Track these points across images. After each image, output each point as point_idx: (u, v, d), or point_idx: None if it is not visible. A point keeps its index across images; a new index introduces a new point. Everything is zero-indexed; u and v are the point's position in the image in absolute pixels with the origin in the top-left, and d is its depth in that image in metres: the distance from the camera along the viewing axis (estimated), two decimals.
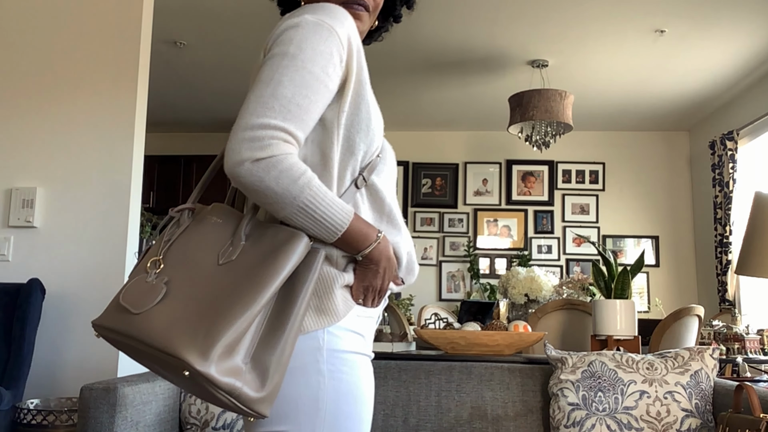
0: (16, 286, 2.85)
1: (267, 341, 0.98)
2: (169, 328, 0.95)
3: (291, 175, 1.01)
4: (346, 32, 1.12)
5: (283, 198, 1.01)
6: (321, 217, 1.04)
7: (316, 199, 1.03)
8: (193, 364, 0.91)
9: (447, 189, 6.85)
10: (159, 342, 0.94)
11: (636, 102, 5.93)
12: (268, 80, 1.05)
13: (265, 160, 1.00)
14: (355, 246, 1.09)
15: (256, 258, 1.01)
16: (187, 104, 6.27)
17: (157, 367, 1.03)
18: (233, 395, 0.94)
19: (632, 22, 4.38)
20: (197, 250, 1.05)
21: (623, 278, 2.95)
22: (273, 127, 1.01)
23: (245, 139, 1.00)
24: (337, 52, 1.09)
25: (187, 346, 0.92)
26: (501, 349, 2.69)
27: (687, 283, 6.52)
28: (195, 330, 0.94)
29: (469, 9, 4.27)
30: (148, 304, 0.98)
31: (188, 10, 4.32)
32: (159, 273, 1.03)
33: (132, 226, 3.04)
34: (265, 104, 1.02)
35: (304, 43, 1.07)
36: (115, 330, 1.00)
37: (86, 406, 2.00)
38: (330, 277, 1.09)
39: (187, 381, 0.96)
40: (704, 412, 2.15)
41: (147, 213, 3.58)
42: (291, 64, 1.05)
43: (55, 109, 3.09)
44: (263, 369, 0.96)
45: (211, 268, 1.02)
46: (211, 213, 1.10)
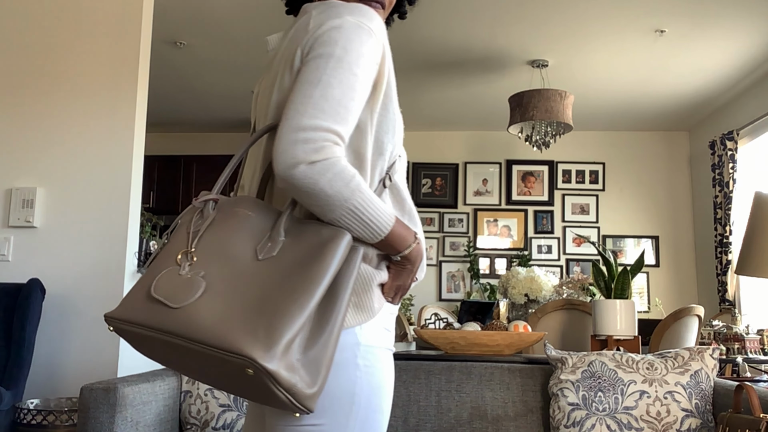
0: (16, 286, 2.85)
1: (315, 338, 0.98)
2: (220, 324, 0.93)
3: (343, 177, 1.01)
4: (382, 34, 1.14)
5: (334, 200, 1.01)
6: (369, 220, 1.05)
7: (365, 202, 1.04)
8: (260, 361, 0.89)
9: (447, 189, 6.85)
10: (212, 339, 0.92)
11: (636, 102, 5.93)
12: (316, 81, 1.04)
13: (320, 163, 1.00)
14: (395, 247, 1.12)
15: (300, 255, 1.00)
16: (187, 104, 6.27)
17: (192, 364, 1.00)
18: (291, 392, 0.93)
19: (632, 22, 4.38)
20: (231, 243, 1.03)
21: (623, 278, 2.95)
22: (325, 129, 1.01)
23: (298, 140, 1.00)
24: (375, 55, 1.11)
25: (250, 342, 0.90)
26: (501, 349, 2.69)
27: (687, 283, 6.52)
28: (253, 326, 0.92)
29: (469, 9, 4.27)
30: (188, 298, 0.96)
31: (188, 10, 4.31)
32: (193, 266, 1.00)
33: (132, 226, 3.04)
34: (316, 105, 1.02)
35: (349, 44, 1.07)
36: (150, 326, 0.97)
37: (86, 406, 2.00)
38: (368, 275, 1.11)
39: (236, 379, 0.94)
40: (704, 412, 2.15)
41: (147, 213, 3.57)
42: (338, 66, 1.05)
43: (55, 109, 3.09)
44: (314, 365, 0.96)
45: (249, 263, 1.00)
46: (241, 205, 1.08)
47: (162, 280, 0.99)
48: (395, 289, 1.15)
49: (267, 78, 1.23)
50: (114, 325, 1.01)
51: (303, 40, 1.11)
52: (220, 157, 6.74)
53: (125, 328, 1.00)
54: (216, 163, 6.73)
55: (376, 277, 1.12)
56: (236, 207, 1.07)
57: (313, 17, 1.13)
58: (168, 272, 1.00)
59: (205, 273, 0.99)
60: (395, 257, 1.13)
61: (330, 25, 1.09)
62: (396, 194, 1.19)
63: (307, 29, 1.12)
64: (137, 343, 1.03)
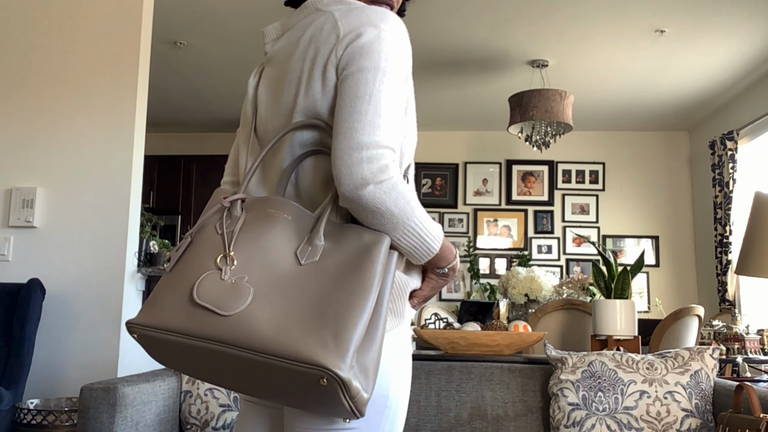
0: (16, 286, 2.85)
1: (365, 343, 0.96)
2: (283, 333, 0.89)
3: (405, 197, 1.02)
4: (408, 40, 1.13)
5: (398, 219, 1.01)
6: (426, 237, 1.06)
7: (423, 220, 1.05)
8: (335, 370, 0.87)
9: (447, 189, 6.85)
10: (279, 349, 0.88)
11: (636, 102, 5.93)
12: (368, 97, 1.03)
13: (387, 182, 0.99)
14: (440, 263, 1.13)
15: (345, 260, 0.98)
16: (187, 104, 6.27)
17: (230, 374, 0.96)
18: (355, 399, 0.91)
19: (632, 22, 4.38)
20: (270, 247, 0.99)
21: (623, 278, 2.95)
22: (384, 146, 1.01)
23: (363, 159, 0.99)
24: (408, 62, 1.11)
25: (322, 352, 0.88)
26: (501, 349, 2.69)
27: (687, 283, 6.52)
28: (320, 335, 0.89)
29: (469, 9, 4.27)
30: (239, 305, 0.92)
31: (188, 10, 4.32)
32: (234, 271, 0.96)
33: (132, 226, 3.04)
34: (372, 122, 1.01)
35: (391, 56, 1.06)
36: (197, 335, 0.92)
37: (86, 406, 2.00)
38: (403, 282, 1.12)
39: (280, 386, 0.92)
40: (704, 412, 2.15)
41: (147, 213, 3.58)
42: (385, 80, 1.04)
43: (55, 109, 3.09)
44: (366, 370, 0.95)
45: (291, 268, 0.97)
46: (273, 206, 1.04)
47: (204, 285, 0.94)
48: (426, 298, 1.17)
49: (272, 72, 1.18)
50: (141, 333, 0.96)
51: (333, 44, 1.08)
52: (220, 157, 6.74)
53: (157, 335, 0.95)
54: (216, 163, 6.73)
55: (410, 283, 1.13)
56: (267, 208, 1.04)
57: (338, 19, 1.10)
58: (208, 276, 0.96)
59: (248, 278, 0.95)
60: (441, 270, 1.14)
61: (369, 36, 1.07)
62: None
63: (337, 33, 1.08)
64: (158, 350, 0.99)
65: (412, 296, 1.15)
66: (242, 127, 1.25)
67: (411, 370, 1.17)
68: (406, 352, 1.13)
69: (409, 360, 1.15)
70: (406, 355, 1.13)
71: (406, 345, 1.14)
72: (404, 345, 1.13)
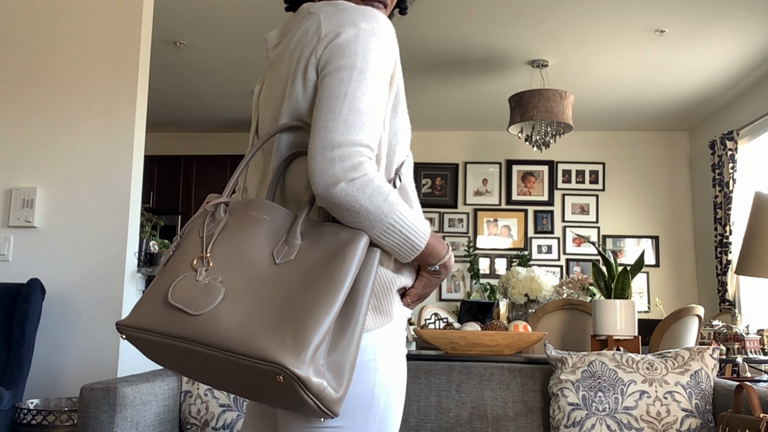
0: (16, 286, 2.85)
1: (337, 341, 0.97)
2: (244, 331, 0.91)
3: (381, 193, 1.01)
4: (393, 38, 1.13)
5: (375, 216, 1.02)
6: (408, 234, 1.06)
7: (403, 216, 1.05)
8: (290, 367, 0.88)
9: (447, 189, 6.85)
10: (238, 346, 0.90)
11: (636, 102, 5.93)
12: (342, 96, 1.03)
13: (359, 180, 1.00)
14: (429, 260, 1.12)
15: (319, 258, 0.99)
16: (187, 104, 6.27)
17: (207, 371, 0.98)
18: (319, 397, 0.92)
19: (632, 22, 4.38)
20: (248, 248, 1.01)
21: (623, 278, 2.95)
22: (358, 144, 1.01)
23: (334, 158, 0.99)
24: (391, 61, 1.10)
25: (279, 349, 0.89)
26: (501, 349, 2.69)
27: (687, 283, 6.52)
28: (280, 332, 0.91)
29: (469, 9, 4.27)
30: (208, 305, 0.94)
31: (188, 10, 4.32)
32: (210, 272, 0.98)
33: (132, 226, 3.04)
34: (345, 121, 1.01)
35: (369, 54, 1.06)
36: (168, 333, 0.94)
37: (86, 406, 2.00)
38: (388, 279, 1.11)
39: (259, 386, 0.93)
40: (704, 412, 2.15)
41: (147, 213, 3.58)
42: (361, 78, 1.04)
43: (55, 109, 3.09)
44: (338, 369, 0.95)
45: (267, 267, 0.99)
46: (254, 208, 1.06)
47: (179, 287, 0.97)
48: (420, 297, 1.16)
49: (270, 77, 1.21)
50: (127, 333, 0.99)
51: (314, 45, 1.09)
52: (220, 157, 6.74)
53: (140, 336, 0.98)
54: (216, 163, 6.73)
55: (396, 281, 1.12)
56: (249, 210, 1.06)
57: (322, 21, 1.11)
58: (184, 278, 0.98)
59: (222, 278, 0.97)
60: (432, 267, 1.14)
61: (347, 35, 1.07)
62: (404, 196, 1.18)
63: (319, 34, 1.09)
64: (149, 351, 1.01)
65: (405, 295, 1.15)
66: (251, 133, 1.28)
67: (405, 368, 1.16)
68: (396, 350, 1.12)
69: (401, 359, 1.14)
70: (396, 354, 1.12)
71: (397, 343, 1.13)
72: (394, 343, 1.12)
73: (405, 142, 1.18)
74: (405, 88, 1.19)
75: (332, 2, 1.15)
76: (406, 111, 1.19)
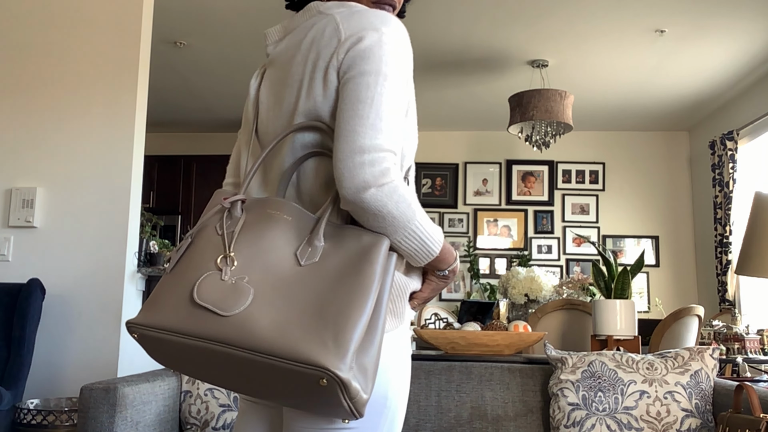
0: (16, 286, 2.85)
1: (364, 344, 0.96)
2: (284, 334, 0.90)
3: (406, 199, 1.02)
4: (409, 44, 1.14)
5: (399, 222, 1.02)
6: (427, 240, 1.07)
7: (423, 223, 1.06)
8: (335, 371, 0.87)
9: (447, 189, 6.85)
10: (281, 349, 0.89)
11: (636, 102, 5.93)
12: (369, 101, 1.03)
13: (388, 185, 1.00)
14: (441, 266, 1.14)
15: (345, 261, 0.99)
16: (187, 104, 6.27)
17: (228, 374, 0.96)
18: (354, 399, 0.91)
19: (632, 22, 4.38)
20: (269, 248, 1.00)
21: (623, 278, 2.95)
22: (385, 150, 1.02)
23: (364, 163, 0.99)
24: (410, 67, 1.12)
25: (323, 352, 0.88)
26: (501, 349, 2.69)
27: (687, 283, 6.52)
28: (320, 335, 0.90)
29: (469, 9, 4.27)
30: (239, 306, 0.92)
31: (188, 10, 4.32)
32: (235, 271, 0.97)
33: (132, 226, 3.04)
34: (373, 126, 1.02)
35: (393, 60, 1.07)
36: (199, 335, 0.92)
37: (86, 406, 2.00)
38: (403, 283, 1.12)
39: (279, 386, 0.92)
40: (704, 412, 2.15)
41: (147, 213, 3.58)
42: (386, 84, 1.05)
43: (56, 109, 3.09)
44: (365, 371, 0.95)
45: (291, 268, 0.98)
46: (272, 207, 1.05)
47: (204, 285, 0.95)
48: (426, 300, 1.17)
49: (275, 74, 1.19)
50: (141, 333, 0.97)
51: (334, 47, 1.08)
52: (220, 157, 6.74)
53: (158, 335, 0.95)
54: (216, 163, 6.73)
55: (410, 285, 1.13)
56: (267, 209, 1.05)
57: (340, 22, 1.10)
58: (208, 277, 0.96)
59: (248, 278, 0.96)
60: (442, 272, 1.15)
61: (371, 40, 1.07)
62: None
63: (339, 36, 1.09)
64: (158, 350, 0.99)
65: (412, 297, 1.16)
66: (244, 129, 1.26)
67: (410, 370, 1.17)
68: (405, 353, 1.14)
69: (408, 361, 1.15)
70: (405, 356, 1.13)
71: (406, 346, 1.14)
72: (404, 346, 1.13)
73: (413, 148, 1.18)
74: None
75: (344, 3, 1.15)
76: (415, 117, 1.19)
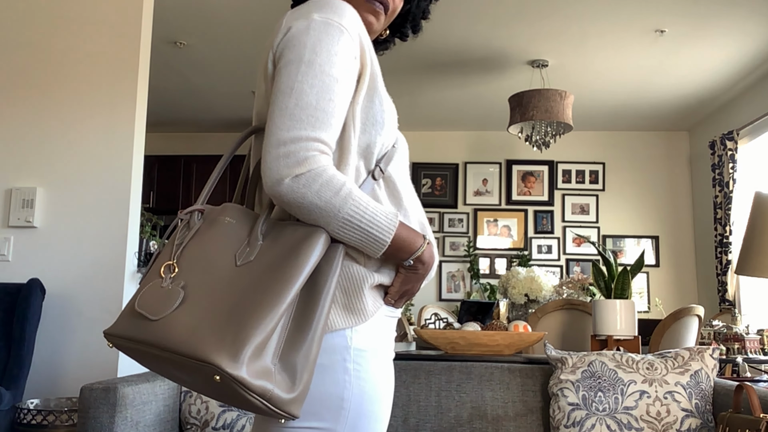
0: (16, 286, 2.85)
1: (294, 340, 0.96)
2: (192, 333, 0.92)
3: (332, 187, 0.99)
4: (355, 27, 1.09)
5: (327, 212, 0.99)
6: (368, 227, 1.02)
7: (359, 209, 1.01)
8: (224, 368, 0.88)
9: (447, 189, 6.85)
10: (183, 348, 0.91)
11: (636, 102, 5.93)
12: (289, 90, 1.02)
13: (305, 175, 0.98)
14: (401, 255, 1.08)
15: (275, 257, 0.98)
16: (187, 104, 6.27)
17: (180, 375, 0.99)
18: (265, 397, 0.91)
19: (632, 22, 4.38)
20: (213, 252, 1.01)
21: (623, 278, 2.95)
22: (305, 139, 0.99)
23: (280, 155, 0.99)
24: (351, 49, 1.07)
25: (216, 349, 0.89)
26: (501, 349, 2.69)
27: (687, 283, 6.52)
28: (222, 333, 0.91)
29: (469, 9, 4.27)
30: (167, 309, 0.95)
31: (188, 10, 4.31)
32: (174, 277, 0.99)
33: (132, 226, 3.04)
34: (292, 116, 1.00)
35: (318, 45, 1.04)
36: (133, 338, 0.97)
37: (86, 406, 2.00)
38: (359, 277, 1.07)
39: (216, 386, 0.93)
40: (704, 412, 2.15)
41: (147, 213, 3.57)
42: (309, 70, 1.02)
43: (55, 109, 3.09)
44: (292, 369, 0.94)
45: (229, 270, 0.99)
46: (223, 213, 1.06)
47: (145, 294, 0.99)
48: (402, 294, 1.12)
49: None
50: (109, 340, 1.02)
51: (274, 42, 1.09)
52: (220, 157, 6.71)
53: (117, 342, 1.01)
54: (216, 163, 6.71)
55: (369, 278, 1.08)
56: (221, 215, 1.06)
57: (285, 18, 1.10)
58: (152, 285, 1.00)
59: (185, 283, 0.98)
60: (406, 262, 1.09)
61: (297, 28, 1.06)
62: (391, 187, 1.14)
63: (278, 31, 1.09)
64: (138, 358, 1.03)
65: (386, 293, 1.12)
66: None
67: (388, 372, 1.12)
68: (375, 352, 1.08)
69: (382, 361, 1.10)
70: (376, 357, 1.08)
71: (375, 344, 1.09)
72: (373, 345, 1.08)
73: (387, 133, 1.14)
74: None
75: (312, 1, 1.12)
76: (388, 100, 1.15)
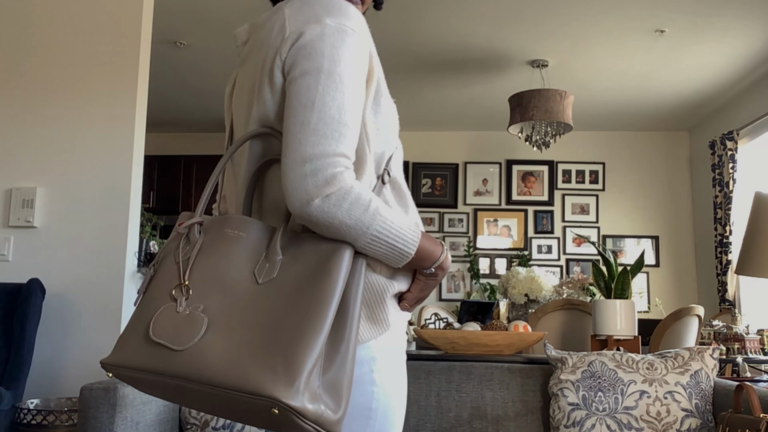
0: (16, 286, 2.85)
1: (331, 358, 0.92)
2: (232, 364, 0.86)
3: (361, 204, 0.96)
4: (364, 29, 1.06)
5: (356, 230, 0.96)
6: (395, 242, 1.00)
7: (388, 225, 0.99)
8: (284, 400, 0.83)
9: (447, 189, 6.85)
10: (228, 381, 0.86)
11: (636, 102, 5.93)
12: (311, 104, 0.97)
13: (334, 194, 0.94)
14: (424, 264, 1.06)
15: (303, 274, 0.94)
16: (187, 104, 6.27)
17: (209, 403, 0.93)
18: (318, 422, 0.87)
19: (632, 22, 4.38)
20: (226, 269, 0.95)
21: (623, 278, 2.95)
22: (330, 155, 0.95)
23: (306, 174, 0.94)
24: (363, 56, 1.04)
25: (271, 381, 0.84)
26: (501, 349, 2.69)
27: (687, 283, 6.52)
28: (269, 362, 0.86)
29: (469, 9, 4.27)
30: (192, 338, 0.89)
31: (188, 10, 4.32)
32: (189, 300, 0.93)
33: (132, 226, 3.04)
34: (316, 131, 0.96)
35: (336, 54, 0.99)
36: (155, 371, 0.90)
37: (86, 406, 2.00)
38: (380, 286, 1.05)
39: (260, 415, 0.89)
40: (704, 412, 2.15)
41: (147, 213, 3.57)
42: (329, 81, 0.98)
43: (55, 109, 3.09)
44: (336, 388, 0.91)
45: (249, 288, 0.93)
46: (227, 226, 1.00)
47: (160, 320, 0.93)
48: (418, 300, 1.11)
49: (240, 78, 1.15)
50: (113, 372, 0.96)
51: (278, 46, 1.03)
52: (220, 157, 6.71)
53: (127, 374, 0.94)
54: (216, 163, 6.72)
55: (390, 288, 1.06)
56: (224, 228, 1.00)
57: (287, 18, 1.04)
58: (164, 310, 0.94)
59: (204, 307, 0.92)
60: (427, 270, 1.07)
61: (312, 34, 1.00)
62: (397, 189, 1.12)
63: (283, 33, 1.02)
64: (141, 386, 0.98)
65: (401, 300, 1.10)
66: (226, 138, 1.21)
67: (404, 377, 1.11)
68: (395, 360, 1.08)
69: (400, 367, 1.09)
70: (395, 364, 1.08)
71: (396, 353, 1.08)
72: (393, 353, 1.07)
73: (392, 135, 1.12)
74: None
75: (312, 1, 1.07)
76: (391, 101, 1.13)
